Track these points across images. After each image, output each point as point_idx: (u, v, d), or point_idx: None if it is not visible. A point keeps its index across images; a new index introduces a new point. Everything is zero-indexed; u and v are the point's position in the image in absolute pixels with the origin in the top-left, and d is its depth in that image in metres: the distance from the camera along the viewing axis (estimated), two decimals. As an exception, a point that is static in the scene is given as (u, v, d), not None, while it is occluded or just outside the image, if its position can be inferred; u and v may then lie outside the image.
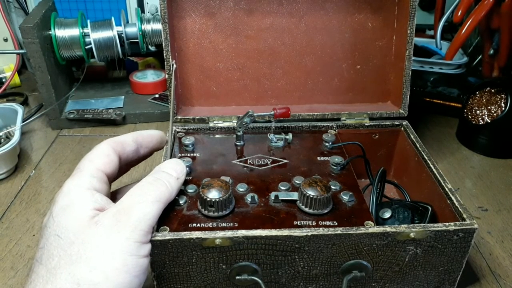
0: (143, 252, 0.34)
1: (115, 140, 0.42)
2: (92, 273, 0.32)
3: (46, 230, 0.35)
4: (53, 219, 0.35)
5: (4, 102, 0.83)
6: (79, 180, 0.37)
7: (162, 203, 0.37)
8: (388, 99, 0.61)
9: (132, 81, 0.86)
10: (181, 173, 0.41)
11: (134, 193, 0.37)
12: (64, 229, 0.34)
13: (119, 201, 0.36)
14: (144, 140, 0.45)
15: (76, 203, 0.35)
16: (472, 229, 0.40)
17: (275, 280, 0.41)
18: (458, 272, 0.42)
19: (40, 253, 0.34)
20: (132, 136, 0.44)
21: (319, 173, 0.48)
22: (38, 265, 0.33)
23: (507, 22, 0.72)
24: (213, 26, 0.57)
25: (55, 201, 0.36)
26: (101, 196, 0.37)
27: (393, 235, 0.39)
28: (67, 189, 0.37)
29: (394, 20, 0.58)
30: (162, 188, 0.38)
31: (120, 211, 0.35)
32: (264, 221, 0.41)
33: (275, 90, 0.60)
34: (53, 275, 0.32)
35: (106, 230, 0.33)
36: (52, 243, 0.33)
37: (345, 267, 0.41)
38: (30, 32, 0.68)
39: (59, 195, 0.37)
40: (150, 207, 0.36)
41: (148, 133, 0.45)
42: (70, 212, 0.35)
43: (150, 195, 0.37)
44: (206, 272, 0.40)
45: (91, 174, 0.38)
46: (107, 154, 0.41)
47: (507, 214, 0.59)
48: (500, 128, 0.68)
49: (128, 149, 0.43)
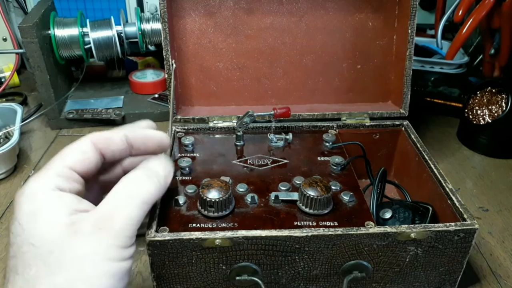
0: (126, 255, 0.33)
1: (99, 135, 0.37)
2: (75, 282, 0.30)
3: (15, 238, 0.32)
4: (21, 226, 0.32)
5: (3, 102, 0.83)
6: (43, 180, 0.34)
7: (148, 205, 0.34)
8: (389, 99, 0.61)
9: (131, 81, 0.85)
10: (169, 170, 0.37)
11: (118, 193, 0.33)
12: (38, 237, 0.31)
13: (102, 203, 0.33)
14: (136, 141, 0.38)
15: (45, 208, 0.32)
16: (473, 230, 0.39)
17: (275, 281, 0.41)
18: (458, 272, 0.42)
19: (13, 262, 0.31)
20: (123, 134, 0.38)
21: (320, 173, 0.48)
22: (14, 275, 0.31)
23: (508, 21, 0.71)
24: (213, 25, 0.57)
25: (18, 205, 0.33)
26: (70, 196, 0.34)
27: (393, 236, 0.39)
28: (30, 191, 0.33)
29: (395, 20, 0.57)
30: (151, 187, 0.35)
31: (102, 218, 0.32)
32: (264, 221, 0.41)
33: (275, 90, 0.60)
34: (32, 286, 0.30)
35: (87, 238, 0.31)
36: (27, 253, 0.31)
37: (345, 267, 0.40)
38: (29, 31, 0.68)
39: (21, 197, 0.33)
40: (136, 211, 0.33)
41: (143, 134, 0.39)
42: (41, 218, 0.32)
43: (136, 197, 0.33)
44: (206, 272, 0.40)
45: (58, 173, 0.35)
46: (83, 150, 0.36)
47: (508, 214, 0.58)
48: (501, 128, 0.68)
49: (113, 148, 0.37)
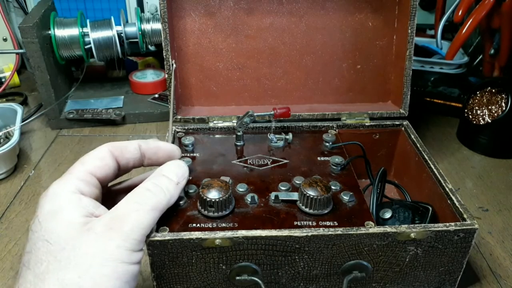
0: (134, 259, 0.34)
1: (115, 144, 0.41)
2: (81, 279, 0.31)
3: (33, 234, 0.34)
4: (40, 224, 0.34)
5: (3, 102, 0.83)
6: (66, 184, 0.37)
7: (158, 211, 0.36)
8: (389, 99, 0.61)
9: (131, 81, 0.85)
10: (182, 177, 0.39)
11: (130, 199, 0.36)
12: (53, 234, 0.33)
13: (114, 207, 0.35)
14: (148, 151, 0.42)
15: (65, 208, 0.35)
16: (472, 229, 0.39)
17: (275, 281, 0.41)
18: (458, 272, 0.42)
19: (27, 258, 0.33)
20: (137, 144, 0.41)
21: (319, 173, 0.48)
22: (26, 269, 0.33)
23: (508, 21, 0.72)
24: (213, 25, 0.57)
25: (40, 205, 0.36)
26: (89, 200, 0.36)
27: (393, 235, 0.39)
28: (53, 192, 0.36)
29: (395, 20, 0.57)
30: (160, 195, 0.37)
31: (113, 218, 0.34)
32: (264, 221, 0.41)
33: (275, 90, 0.60)
34: (41, 280, 0.31)
35: (97, 237, 0.33)
36: (41, 248, 0.33)
37: (345, 267, 0.40)
38: (29, 31, 0.68)
39: (44, 198, 0.36)
40: (145, 216, 0.35)
41: (155, 145, 0.42)
42: (59, 217, 0.34)
43: (147, 204, 0.35)
44: (206, 272, 0.40)
45: (79, 178, 0.37)
46: (101, 157, 0.39)
47: (508, 214, 0.59)
48: (500, 128, 0.68)
49: (128, 156, 0.41)
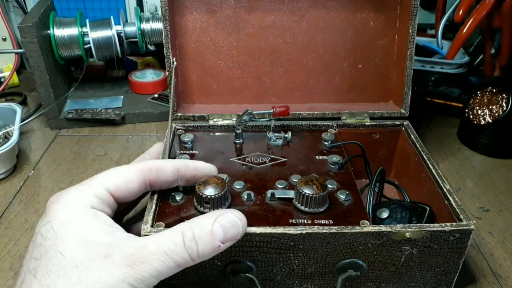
0: None
1: (152, 166, 0.38)
2: None
3: (44, 241, 0.32)
4: (55, 232, 0.33)
5: (2, 101, 0.83)
6: (80, 196, 0.35)
7: (181, 268, 0.34)
8: (390, 99, 0.61)
9: (131, 81, 0.85)
10: (232, 239, 0.35)
11: (161, 244, 0.33)
12: (68, 248, 0.32)
13: (141, 241, 0.33)
14: (187, 173, 0.40)
15: (83, 224, 0.33)
16: (468, 230, 0.39)
17: (270, 278, 0.41)
18: (454, 273, 0.42)
19: (34, 265, 0.32)
20: (175, 166, 0.39)
21: (317, 171, 0.48)
22: (32, 278, 0.31)
23: (509, 21, 0.71)
24: (214, 23, 0.57)
25: (53, 210, 0.34)
26: (105, 217, 0.35)
27: (388, 235, 0.39)
28: (67, 201, 0.34)
29: (397, 19, 0.57)
30: (193, 255, 0.34)
31: (135, 258, 0.32)
32: (259, 218, 0.41)
33: (275, 89, 0.60)
34: None
35: (114, 268, 0.31)
36: (53, 259, 0.32)
37: (340, 266, 0.40)
38: (28, 31, 0.67)
39: (57, 204, 0.34)
40: (167, 270, 0.33)
41: (194, 166, 0.40)
42: (75, 232, 0.33)
43: (174, 260, 0.33)
44: (201, 268, 0.40)
45: (96, 194, 0.35)
46: (129, 180, 0.37)
47: (509, 215, 0.58)
48: (501, 128, 0.68)
49: (163, 179, 0.39)
